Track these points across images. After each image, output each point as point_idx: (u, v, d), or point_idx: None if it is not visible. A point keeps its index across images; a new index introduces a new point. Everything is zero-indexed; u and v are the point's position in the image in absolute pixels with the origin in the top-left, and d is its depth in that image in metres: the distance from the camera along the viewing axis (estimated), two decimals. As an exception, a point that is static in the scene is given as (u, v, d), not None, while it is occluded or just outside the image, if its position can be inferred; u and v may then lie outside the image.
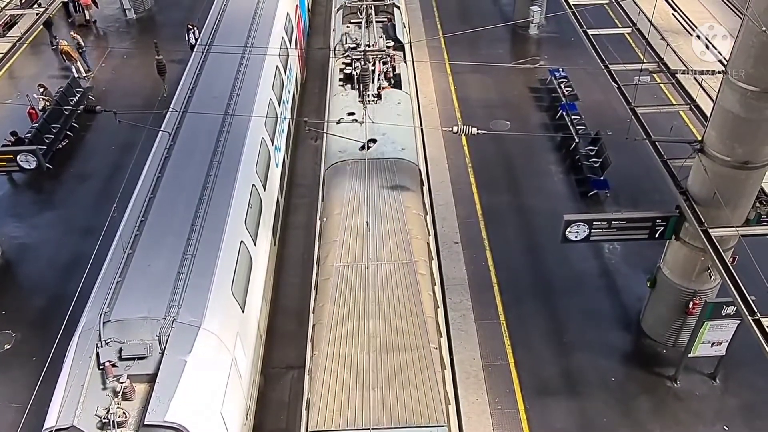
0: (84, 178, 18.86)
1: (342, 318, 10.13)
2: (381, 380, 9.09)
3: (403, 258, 11.13)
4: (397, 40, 17.48)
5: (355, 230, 11.51)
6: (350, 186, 12.72)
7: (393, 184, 12.66)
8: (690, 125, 18.30)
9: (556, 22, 23.95)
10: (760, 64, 9.70)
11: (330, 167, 13.57)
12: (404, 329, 9.90)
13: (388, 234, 11.55)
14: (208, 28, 18.52)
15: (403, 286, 10.62)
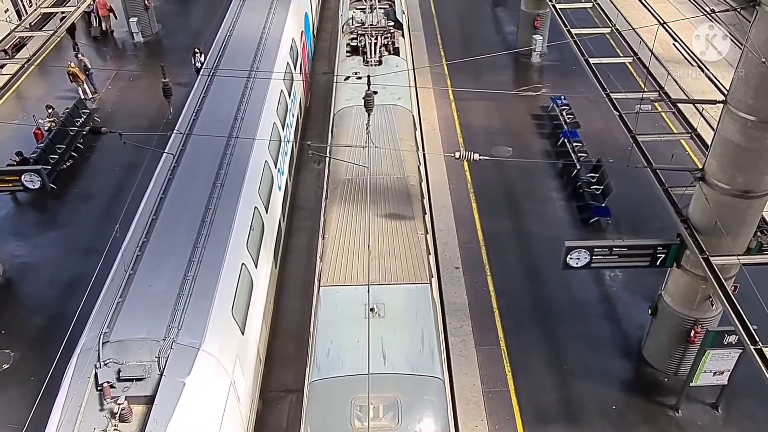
0: (87, 199, 18.92)
1: (347, 213, 12.78)
2: (378, 253, 11.40)
3: (398, 173, 13.89)
4: (397, 21, 20.43)
5: (358, 155, 13.67)
6: (354, 124, 15.19)
7: (390, 123, 15.13)
8: (691, 154, 18.36)
9: (558, 51, 24.17)
10: (760, 95, 9.77)
11: (338, 111, 16.43)
12: (398, 220, 12.59)
13: (386, 156, 14.09)
14: (214, 53, 18.71)
15: (398, 193, 13.29)
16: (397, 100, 16.17)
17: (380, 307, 10.69)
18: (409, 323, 10.68)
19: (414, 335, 10.46)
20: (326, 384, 9.81)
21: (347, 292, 11.19)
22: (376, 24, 18.87)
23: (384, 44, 18.55)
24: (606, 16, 20.00)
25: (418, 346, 10.30)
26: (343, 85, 17.07)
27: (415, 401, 9.56)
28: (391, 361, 9.90)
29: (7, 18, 25.16)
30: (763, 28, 9.43)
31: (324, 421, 9.48)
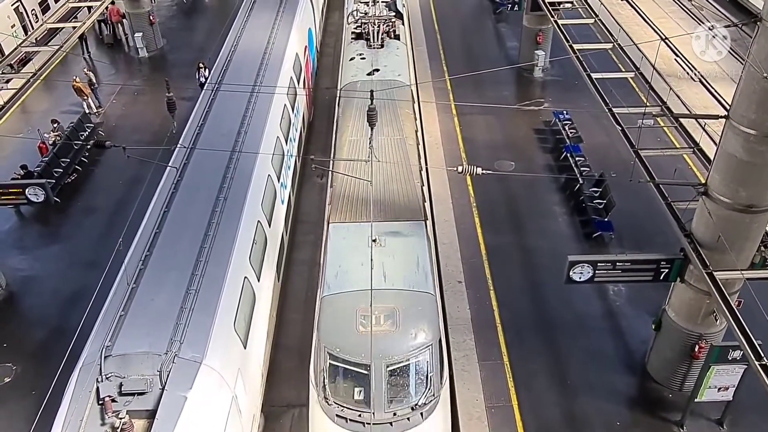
0: (91, 212, 18.96)
1: (345, 203, 13.72)
2: (380, 197, 12.89)
3: (397, 135, 15.74)
4: (398, 12, 22.52)
5: (361, 122, 15.67)
6: (359, 99, 16.21)
7: (390, 94, 16.68)
8: (693, 168, 18.37)
9: (560, 66, 24.28)
10: (762, 109, 9.78)
11: (345, 85, 18.32)
12: (395, 166, 14.35)
13: (386, 123, 15.91)
14: (218, 67, 18.82)
15: (397, 149, 15.09)
16: (397, 76, 18.52)
17: (382, 239, 12.34)
18: (406, 251, 12.33)
19: (410, 260, 12.17)
20: (335, 298, 11.46)
21: (353, 226, 12.91)
22: (379, 14, 20.72)
23: (386, 31, 20.48)
24: (608, 32, 20.10)
25: (414, 268, 12.02)
26: (348, 64, 19.39)
27: (410, 311, 11.23)
28: (390, 279, 11.58)
29: (14, 33, 25.38)
30: (764, 44, 9.46)
31: (333, 328, 11.11)
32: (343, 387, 10.77)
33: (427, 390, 10.79)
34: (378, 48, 19.70)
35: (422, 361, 10.89)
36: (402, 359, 10.70)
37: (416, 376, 10.87)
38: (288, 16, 21.60)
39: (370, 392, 10.45)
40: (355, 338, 10.70)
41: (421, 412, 10.61)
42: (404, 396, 10.69)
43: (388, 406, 10.45)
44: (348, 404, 10.60)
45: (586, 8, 21.75)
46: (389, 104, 16.38)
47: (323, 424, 10.72)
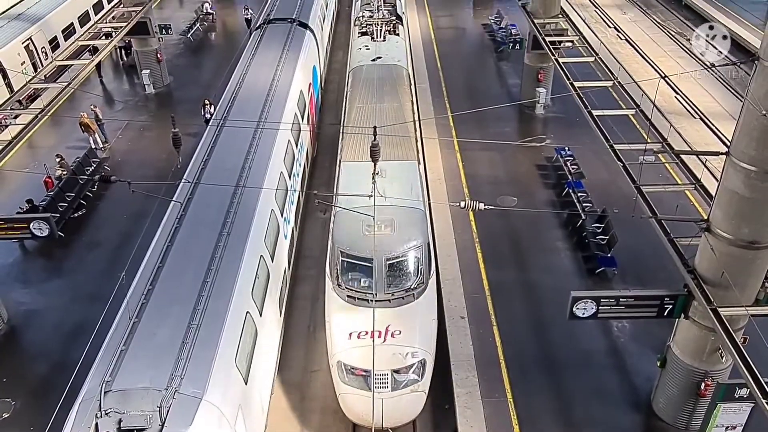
0: (95, 246, 19.01)
1: (357, 124, 17.71)
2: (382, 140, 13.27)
3: (395, 101, 19.16)
4: (398, 15, 26.22)
5: (368, 95, 19.55)
6: (365, 76, 20.61)
7: (391, 75, 20.68)
8: (696, 204, 18.39)
9: (561, 103, 24.54)
10: (762, 146, 9.85)
11: (353, 68, 21.92)
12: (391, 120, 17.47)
13: (387, 93, 19.57)
14: (224, 104, 19.07)
15: (395, 115, 18.06)
16: (396, 61, 22.00)
17: (383, 172, 15.21)
18: (401, 180, 15.54)
19: (405, 186, 15.39)
20: (345, 212, 14.40)
21: (360, 164, 15.58)
22: (382, 17, 24.65)
23: (387, 29, 23.99)
24: (608, 70, 20.38)
25: (408, 192, 15.23)
26: (356, 53, 23.14)
27: (404, 221, 14.33)
28: (389, 198, 14.28)
29: (23, 70, 25.80)
30: (762, 82, 9.58)
31: (344, 233, 14.30)
32: (352, 276, 13.82)
33: (417, 278, 13.84)
34: (381, 42, 23.24)
35: (413, 257, 13.98)
36: (398, 255, 13.81)
37: (409, 267, 13.91)
38: (293, 54, 21.94)
39: (373, 279, 13.47)
40: (361, 240, 13.78)
41: (413, 293, 13.69)
42: (400, 282, 13.70)
43: (387, 289, 13.51)
44: (356, 288, 13.64)
45: (586, 47, 22.07)
46: (389, 82, 20.33)
47: (337, 303, 13.61)
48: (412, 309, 13.46)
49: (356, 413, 12.95)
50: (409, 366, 12.82)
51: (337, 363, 12.98)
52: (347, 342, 13.00)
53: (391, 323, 13.03)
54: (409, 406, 12.99)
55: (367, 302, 13.23)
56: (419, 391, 12.95)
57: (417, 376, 12.89)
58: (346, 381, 12.89)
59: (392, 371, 12.70)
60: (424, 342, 13.21)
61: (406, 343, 12.91)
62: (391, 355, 12.73)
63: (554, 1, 24.05)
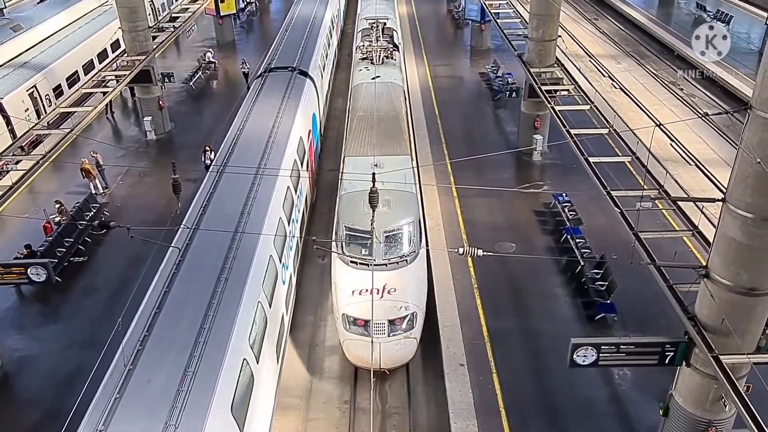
0: (92, 292, 18.91)
1: (359, 128, 21.26)
2: (379, 144, 19.59)
3: (392, 110, 22.52)
4: (395, 44, 30.16)
5: (368, 105, 22.88)
6: (366, 92, 24.02)
7: (388, 92, 23.96)
8: (694, 250, 18.40)
9: (558, 150, 24.81)
10: (758, 193, 9.92)
11: (355, 85, 25.45)
12: (388, 124, 21.30)
13: (386, 104, 22.94)
14: (224, 150, 19.26)
15: (392, 125, 21.48)
16: (393, 80, 25.47)
17: (381, 165, 18.00)
18: (398, 172, 17.29)
19: (399, 175, 17.35)
20: (349, 194, 17.84)
21: (361, 159, 19.27)
22: (380, 45, 27.88)
23: (385, 55, 27.38)
24: (604, 118, 20.67)
25: (402, 179, 17.79)
26: (358, 73, 26.61)
27: (399, 201, 17.35)
28: (386, 184, 15.22)
29: (27, 117, 26.12)
30: (755, 130, 9.72)
31: (348, 213, 17.22)
32: (355, 246, 16.68)
33: (410, 247, 16.80)
34: (379, 64, 26.65)
35: (406, 230, 16.96)
36: (393, 228, 16.73)
37: (402, 238, 16.84)
38: (293, 102, 22.28)
39: (373, 247, 16.07)
40: (362, 216, 15.60)
41: (406, 259, 16.57)
42: (395, 250, 16.58)
43: (383, 256, 16.29)
44: (358, 255, 16.45)
45: (581, 95, 22.44)
46: (387, 95, 23.78)
47: (342, 267, 16.43)
48: (405, 272, 16.41)
49: (357, 356, 15.71)
50: (403, 317, 15.67)
51: (342, 315, 15.76)
52: (350, 298, 15.71)
53: (388, 283, 15.77)
54: (402, 350, 15.85)
55: (367, 266, 15.85)
56: (411, 337, 15.85)
57: (410, 326, 15.74)
58: (350, 330, 15.70)
59: (388, 321, 15.45)
60: (416, 298, 16.14)
61: (400, 298, 15.76)
62: (388, 307, 15.49)
63: (549, 52, 24.56)
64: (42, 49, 31.66)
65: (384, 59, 27.01)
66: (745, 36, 39.73)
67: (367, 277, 14.36)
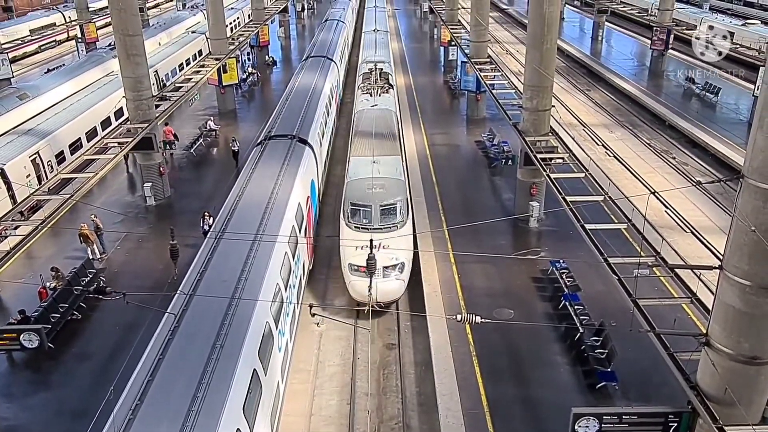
0: (84, 359, 18.57)
1: (359, 149, 26.50)
2: (377, 140, 26.36)
3: (386, 127, 28.45)
4: (390, 84, 36.45)
5: (368, 125, 28.63)
6: (366, 117, 29.98)
7: (383, 117, 29.86)
8: (693, 317, 18.24)
9: (555, 216, 24.93)
10: (754, 261, 9.94)
11: (358, 111, 31.60)
12: (383, 135, 27.38)
13: (380, 125, 28.62)
14: (223, 216, 19.34)
15: (386, 136, 27.45)
16: (386, 107, 31.68)
17: (378, 162, 24.28)
18: (390, 166, 24.56)
19: (392, 169, 24.44)
20: (354, 181, 23.67)
21: (363, 158, 25.16)
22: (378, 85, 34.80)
23: (382, 90, 34.20)
24: (599, 185, 20.90)
25: (393, 171, 24.28)
26: (359, 102, 33.23)
27: (392, 186, 23.13)
28: (382, 173, 23.26)
29: (28, 183, 26.34)
30: (748, 198, 9.84)
31: (353, 194, 22.76)
32: (358, 216, 22.32)
33: (399, 216, 22.40)
34: (377, 96, 33.07)
35: (397, 205, 22.53)
36: (387, 203, 22.33)
37: (396, 209, 22.43)
38: (292, 169, 22.56)
39: (371, 215, 21.99)
40: (365, 195, 22.43)
41: (396, 225, 22.15)
42: (388, 219, 22.16)
43: (379, 222, 21.93)
44: (360, 222, 22.12)
45: (576, 163, 22.78)
46: (382, 118, 29.81)
47: (348, 230, 21.97)
48: (397, 233, 21.85)
49: (359, 292, 20.45)
50: (394, 265, 20.89)
51: (348, 265, 21.05)
52: (355, 252, 20.72)
53: (383, 241, 20.03)
54: (393, 288, 20.92)
55: (367, 229, 21.44)
56: (400, 279, 21.10)
57: (399, 271, 21.03)
58: (354, 274, 20.81)
59: (383, 267, 20.24)
60: (403, 253, 21.16)
61: (392, 252, 20.62)
62: (382, 257, 19.73)
63: (544, 121, 25.11)
64: (47, 116, 32.25)
65: (381, 93, 33.69)
66: (734, 107, 40.72)
67: (367, 237, 17.17)
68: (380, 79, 35.61)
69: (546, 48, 23.74)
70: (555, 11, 23.34)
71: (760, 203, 9.69)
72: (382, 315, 21.63)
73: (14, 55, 53.52)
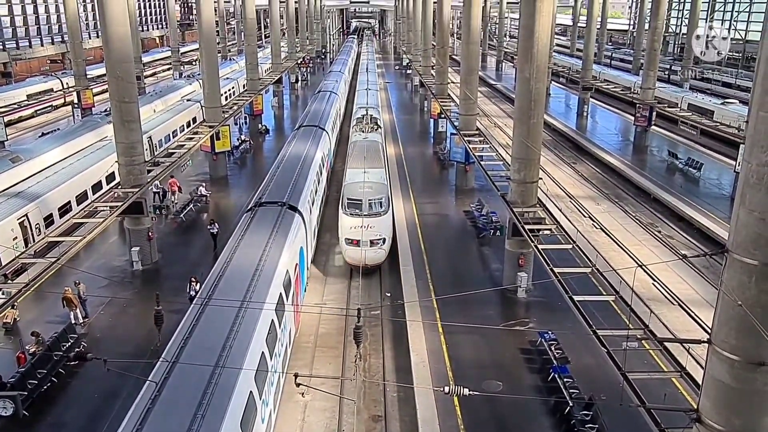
0: (59, 428, 17.88)
1: (355, 158, 36.60)
2: (367, 159, 34.83)
3: (374, 152, 37.57)
4: (378, 124, 45.56)
5: (360, 150, 37.83)
6: (360, 145, 39.24)
7: (372, 146, 38.73)
8: (683, 392, 18.00)
9: (543, 288, 24.90)
10: (742, 335, 9.92)
11: (353, 141, 41.04)
12: (371, 156, 36.12)
13: (370, 152, 36.88)
14: (210, 282, 19.15)
15: (374, 157, 36.27)
16: (375, 140, 40.68)
17: (369, 173, 32.21)
18: (376, 174, 33.02)
19: (378, 175, 33.17)
20: (350, 183, 32.38)
21: (357, 169, 33.28)
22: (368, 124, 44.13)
23: (372, 128, 43.38)
24: (586, 257, 21.01)
25: (379, 179, 32.76)
26: (353, 135, 42.82)
27: (376, 186, 31.64)
28: (371, 178, 31.94)
29: (14, 246, 26.11)
30: (734, 273, 9.90)
31: (349, 191, 31.56)
32: (352, 206, 30.13)
33: (383, 206, 30.32)
34: (368, 132, 42.46)
35: (381, 199, 30.59)
36: (374, 198, 30.45)
37: (379, 202, 30.34)
38: (281, 236, 22.54)
39: (362, 205, 29.87)
40: (358, 192, 30.77)
41: (380, 213, 29.91)
42: (375, 208, 30.03)
43: (368, 210, 29.80)
44: (354, 211, 29.77)
45: (564, 235, 22.95)
46: (372, 146, 38.76)
47: (344, 216, 29.93)
48: (379, 218, 29.73)
49: (352, 257, 28.60)
50: (378, 239, 29.02)
51: (345, 238, 29.18)
52: (349, 229, 29.02)
53: (370, 223, 28.91)
54: (378, 255, 28.98)
55: (359, 215, 29.24)
56: (382, 249, 29.14)
57: (381, 244, 29.10)
58: (348, 245, 28.97)
59: (370, 240, 28.69)
60: (385, 231, 29.57)
61: (376, 230, 29.09)
62: (369, 233, 28.69)
63: (531, 192, 25.46)
64: (38, 179, 32.33)
65: (370, 130, 43.20)
66: (716, 182, 41.57)
67: (358, 221, 28.26)
68: (371, 122, 45.45)
69: (533, 122, 24.35)
70: (541, 88, 24.06)
71: (746, 278, 9.75)
72: (370, 387, 21.17)
73: (10, 119, 54.19)
